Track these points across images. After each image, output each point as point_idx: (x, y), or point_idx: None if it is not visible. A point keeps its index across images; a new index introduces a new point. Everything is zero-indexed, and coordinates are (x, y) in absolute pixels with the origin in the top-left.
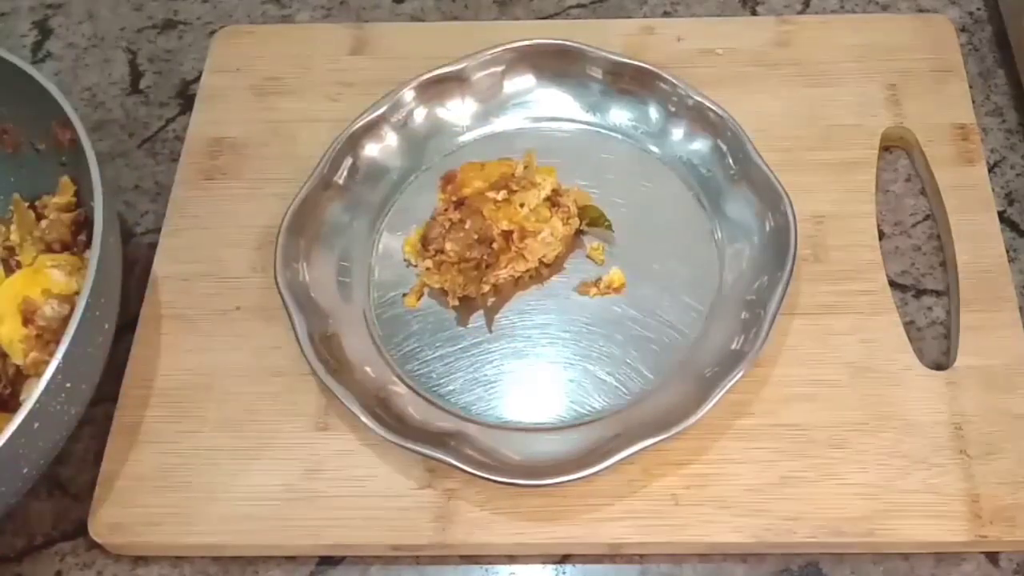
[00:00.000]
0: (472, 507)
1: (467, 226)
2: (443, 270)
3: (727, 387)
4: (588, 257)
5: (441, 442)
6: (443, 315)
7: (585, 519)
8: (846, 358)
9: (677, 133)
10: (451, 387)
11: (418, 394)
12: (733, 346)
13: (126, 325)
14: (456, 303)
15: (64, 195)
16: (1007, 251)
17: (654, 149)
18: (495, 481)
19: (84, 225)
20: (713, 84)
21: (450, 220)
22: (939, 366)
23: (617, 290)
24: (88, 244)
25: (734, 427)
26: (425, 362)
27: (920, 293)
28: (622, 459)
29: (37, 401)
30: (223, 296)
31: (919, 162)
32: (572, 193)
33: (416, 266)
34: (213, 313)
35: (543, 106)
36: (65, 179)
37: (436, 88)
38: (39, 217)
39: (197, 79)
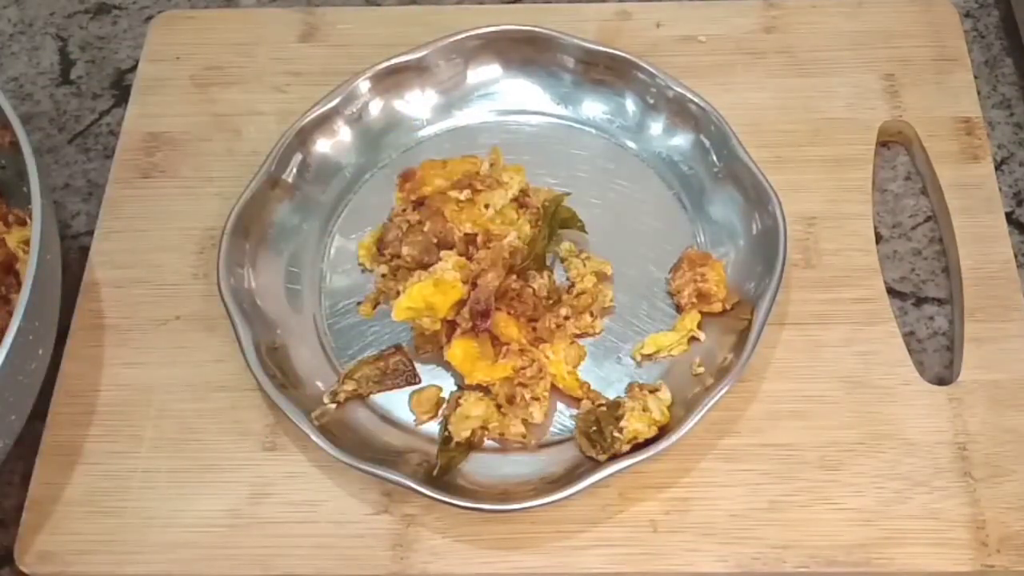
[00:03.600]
0: (432, 534)
1: (426, 228)
2: (400, 276)
3: (710, 404)
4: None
5: (399, 463)
6: (401, 324)
7: (555, 547)
8: (840, 372)
9: (656, 127)
10: (409, 403)
11: (373, 411)
12: (717, 359)
13: (55, 336)
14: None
15: None
16: (1015, 255)
17: (631, 144)
18: (458, 506)
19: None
20: (695, 74)
21: (408, 222)
22: (941, 381)
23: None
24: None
25: (718, 447)
26: None
27: (921, 301)
28: (596, 482)
29: None
30: (161, 305)
31: (919, 159)
32: (542, 193)
33: (372, 272)
34: (150, 323)
35: (510, 98)
36: None
37: (393, 78)
38: None
39: (133, 68)
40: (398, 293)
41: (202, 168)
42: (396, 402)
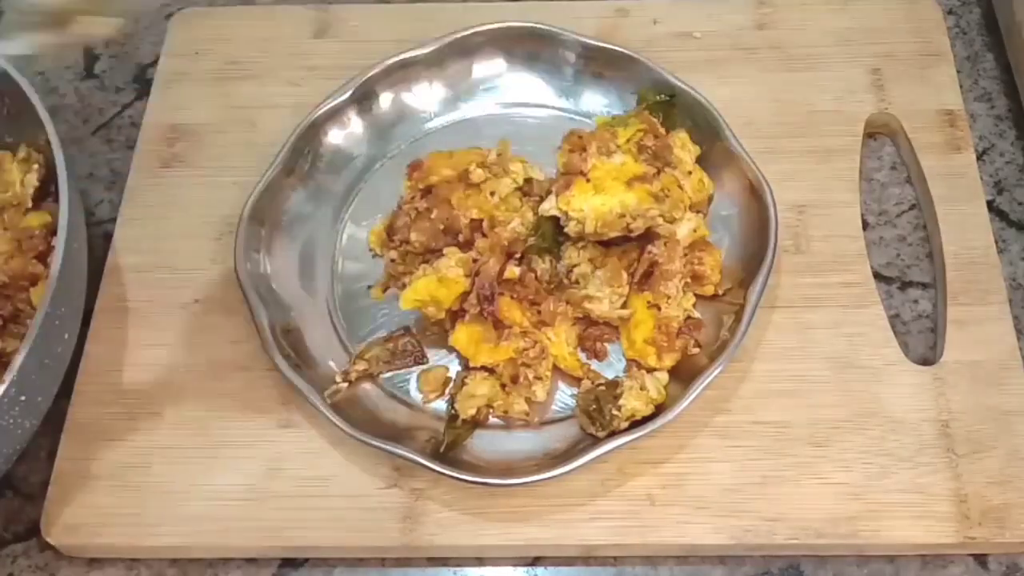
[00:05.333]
0: (440, 507)
1: (433, 215)
2: (408, 261)
3: (705, 383)
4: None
5: (408, 439)
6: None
7: (557, 520)
8: (828, 353)
9: None
10: (417, 382)
11: (383, 390)
12: (711, 341)
13: (80, 318)
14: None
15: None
16: (996, 242)
17: None
18: (464, 480)
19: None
20: (690, 68)
21: (416, 209)
22: (925, 361)
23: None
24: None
25: (712, 424)
26: None
27: (905, 285)
28: (596, 457)
29: None
30: (181, 288)
31: (904, 149)
32: (545, 184)
33: (382, 257)
34: (171, 306)
35: (513, 91)
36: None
37: (402, 72)
38: None
39: (154, 63)
40: (406, 280)
41: (220, 158)
42: (405, 381)
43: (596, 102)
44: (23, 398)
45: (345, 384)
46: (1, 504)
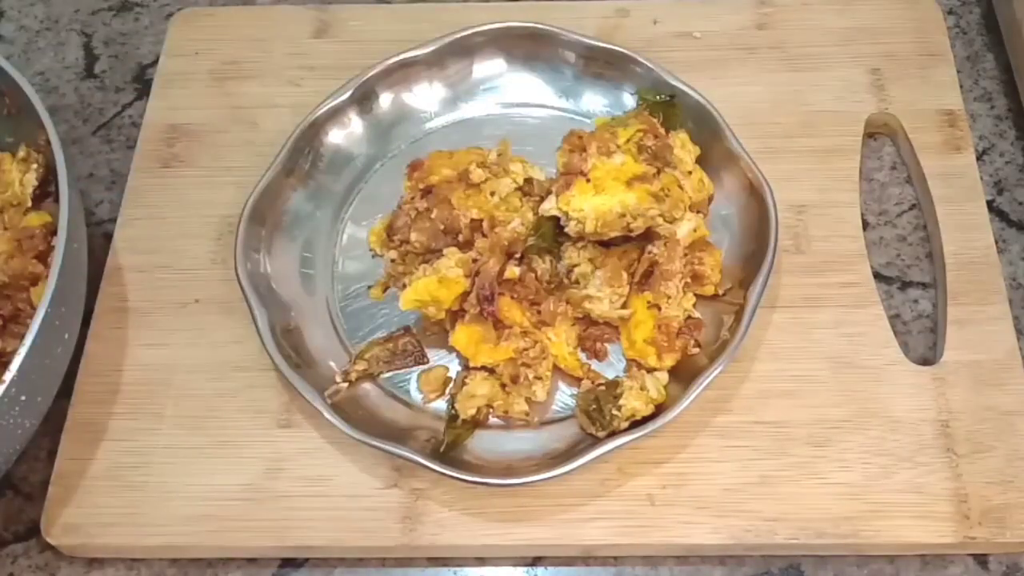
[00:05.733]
0: (440, 507)
1: (433, 215)
2: (408, 261)
3: (705, 383)
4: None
5: (408, 439)
6: None
7: (557, 520)
8: (828, 353)
9: None
10: (417, 382)
11: (383, 390)
12: (711, 341)
13: (80, 318)
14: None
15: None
16: (996, 242)
17: None
18: (464, 480)
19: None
20: (691, 68)
21: (416, 209)
22: (925, 361)
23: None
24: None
25: (712, 424)
26: None
27: (906, 285)
28: (596, 457)
29: None
30: (181, 288)
31: (905, 149)
32: (545, 184)
33: (382, 257)
34: (171, 306)
35: (513, 91)
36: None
37: (402, 72)
38: None
39: (154, 63)
40: (406, 280)
41: (220, 158)
42: (405, 381)
43: (596, 102)
44: (23, 398)
45: (345, 384)
46: (1, 504)
